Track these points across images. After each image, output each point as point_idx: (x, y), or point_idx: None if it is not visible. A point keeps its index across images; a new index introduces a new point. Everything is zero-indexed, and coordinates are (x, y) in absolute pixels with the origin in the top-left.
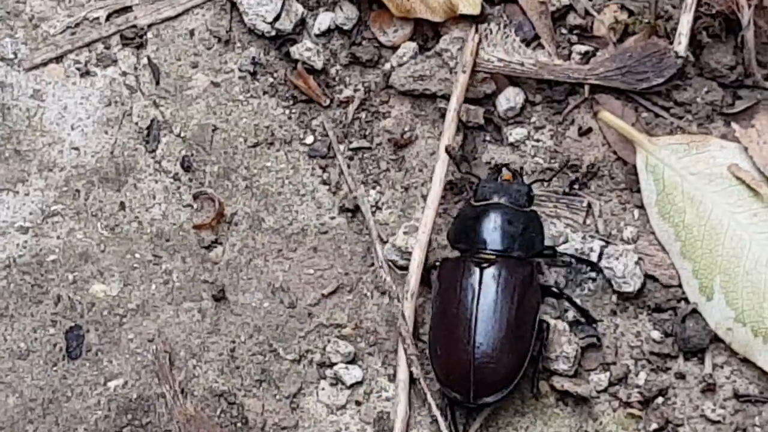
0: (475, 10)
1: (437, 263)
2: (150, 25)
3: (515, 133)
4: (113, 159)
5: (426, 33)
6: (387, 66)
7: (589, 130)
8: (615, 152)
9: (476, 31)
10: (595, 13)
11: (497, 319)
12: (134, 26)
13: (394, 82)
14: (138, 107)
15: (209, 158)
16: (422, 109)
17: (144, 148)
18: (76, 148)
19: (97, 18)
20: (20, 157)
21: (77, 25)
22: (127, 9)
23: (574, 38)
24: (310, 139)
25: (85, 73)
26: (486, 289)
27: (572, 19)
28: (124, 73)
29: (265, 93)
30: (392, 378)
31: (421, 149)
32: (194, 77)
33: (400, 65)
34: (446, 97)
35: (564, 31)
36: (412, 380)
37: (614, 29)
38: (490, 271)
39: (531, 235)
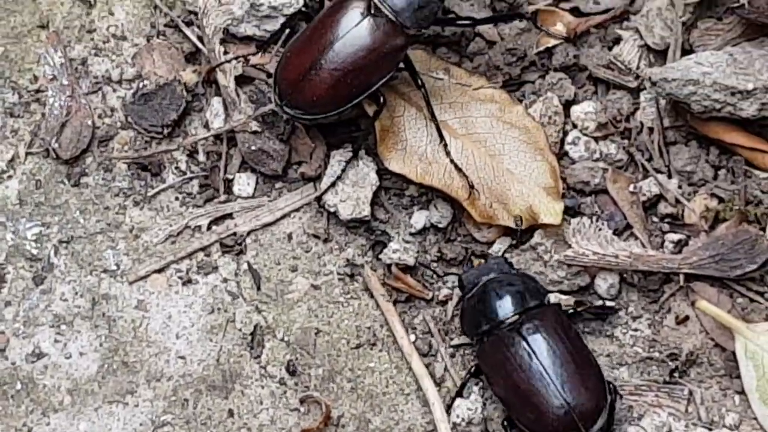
0: (557, 220)
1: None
2: (249, 232)
3: (612, 322)
4: (219, 366)
5: (515, 232)
6: None
7: (686, 318)
8: (713, 339)
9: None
10: (685, 202)
11: (560, 356)
12: (234, 233)
13: None
14: (241, 313)
15: (313, 361)
16: None
17: (249, 354)
18: (183, 357)
19: (199, 226)
20: (128, 368)
21: (178, 234)
22: (226, 216)
23: (666, 227)
24: (411, 338)
25: (187, 282)
26: (533, 341)
27: (663, 208)
28: (226, 280)
29: (365, 293)
30: None
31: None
32: (294, 281)
33: None
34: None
35: (655, 219)
36: None
37: (705, 217)
38: (526, 326)
39: (533, 285)
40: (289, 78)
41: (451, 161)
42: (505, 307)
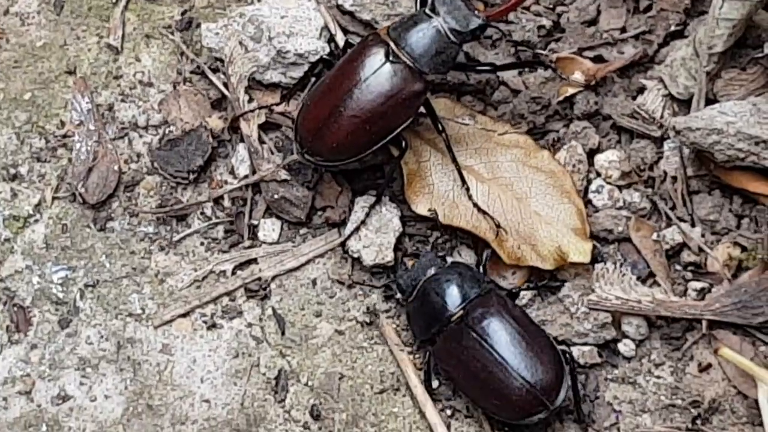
0: (586, 259)
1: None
2: (274, 277)
3: (635, 370)
4: (243, 410)
5: (544, 273)
6: None
7: (709, 365)
8: (735, 386)
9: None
10: (708, 250)
11: (511, 338)
12: (259, 278)
13: None
14: (265, 358)
15: (337, 406)
16: None
17: (273, 398)
18: (207, 401)
19: (224, 271)
20: (153, 411)
21: (203, 278)
22: (251, 261)
23: (689, 275)
24: (435, 383)
25: (212, 326)
26: (482, 330)
27: (686, 256)
28: (250, 325)
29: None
30: None
31: None
32: (318, 326)
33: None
34: (566, 342)
35: (678, 268)
36: None
37: (728, 266)
38: (472, 317)
39: (470, 274)
40: (309, 126)
41: (474, 204)
42: (450, 303)
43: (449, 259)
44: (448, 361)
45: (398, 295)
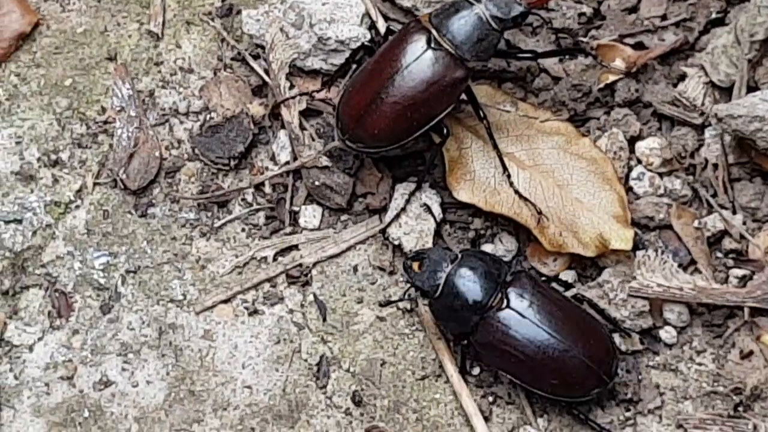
0: (627, 246)
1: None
2: (315, 263)
3: (676, 357)
4: (285, 396)
5: (585, 261)
6: None
7: (751, 352)
8: None
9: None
10: (750, 238)
11: (555, 314)
12: (300, 265)
13: None
14: (306, 344)
15: (379, 392)
16: None
17: (315, 385)
18: (249, 387)
19: (265, 257)
20: (195, 397)
21: (244, 265)
22: (292, 248)
23: (731, 262)
24: (476, 370)
25: (254, 312)
26: (525, 309)
27: (727, 243)
28: (291, 311)
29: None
30: None
31: None
32: (360, 312)
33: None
34: None
35: (720, 255)
36: None
37: None
38: (512, 299)
39: (489, 258)
40: (351, 112)
41: (515, 191)
42: (485, 291)
43: (456, 250)
44: (495, 349)
45: (420, 299)
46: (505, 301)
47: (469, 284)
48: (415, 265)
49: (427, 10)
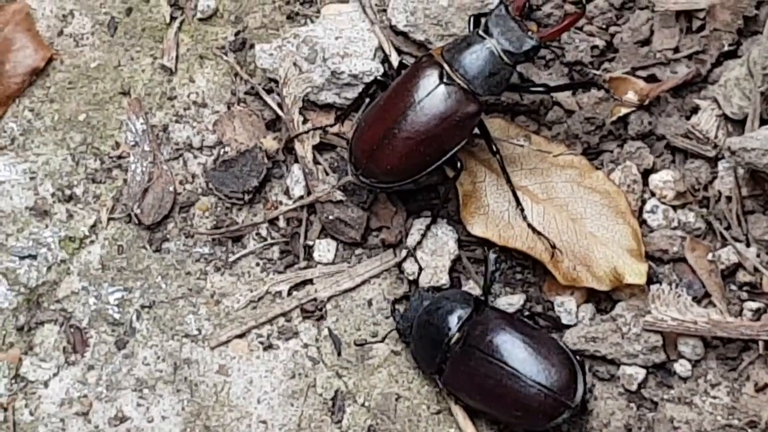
0: (642, 280)
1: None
2: (329, 297)
3: (691, 390)
4: (300, 431)
5: (599, 295)
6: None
7: (765, 385)
8: None
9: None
10: (764, 270)
11: (517, 347)
12: (314, 299)
13: (566, 340)
14: (321, 378)
15: (394, 427)
16: (592, 370)
17: (330, 419)
18: (264, 422)
19: (279, 292)
20: None
21: (259, 299)
22: (307, 282)
23: (745, 295)
24: None
25: (268, 347)
26: (487, 346)
27: (742, 276)
28: (306, 345)
29: None
30: None
31: (601, 410)
32: (375, 346)
33: (574, 325)
34: (615, 362)
35: (734, 288)
36: None
37: None
38: (473, 336)
39: (458, 295)
40: (363, 148)
41: (528, 225)
42: (447, 329)
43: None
44: (461, 385)
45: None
46: (466, 338)
47: (433, 323)
48: (402, 309)
49: (440, 44)
